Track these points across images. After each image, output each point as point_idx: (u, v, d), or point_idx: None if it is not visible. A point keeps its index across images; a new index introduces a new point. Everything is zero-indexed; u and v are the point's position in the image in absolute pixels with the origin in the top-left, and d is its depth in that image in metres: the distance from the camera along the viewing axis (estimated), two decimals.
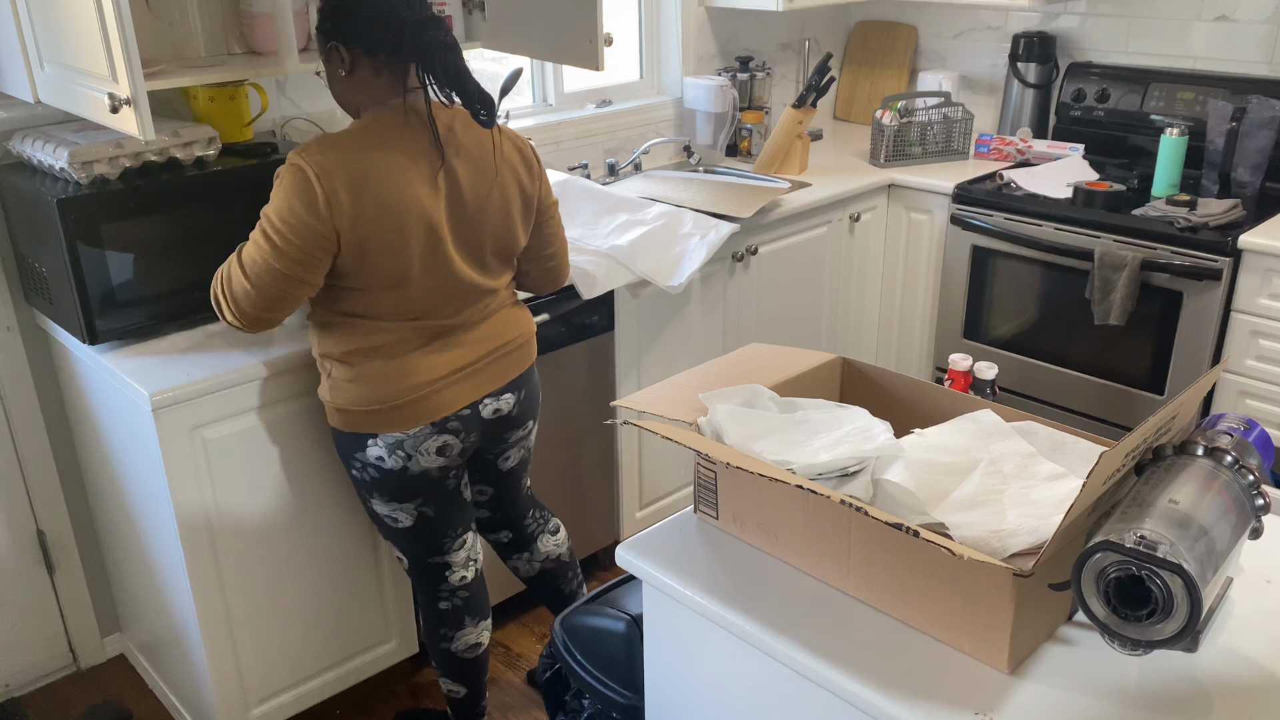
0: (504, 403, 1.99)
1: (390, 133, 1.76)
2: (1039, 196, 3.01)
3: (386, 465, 1.90)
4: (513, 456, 2.13)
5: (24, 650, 2.47)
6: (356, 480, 1.97)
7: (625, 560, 1.41)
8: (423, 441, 1.89)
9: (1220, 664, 1.17)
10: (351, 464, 1.94)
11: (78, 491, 2.45)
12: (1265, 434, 1.29)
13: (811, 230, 3.07)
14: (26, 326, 2.28)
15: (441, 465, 1.94)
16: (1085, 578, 1.06)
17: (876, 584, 1.25)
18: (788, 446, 1.32)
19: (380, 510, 1.98)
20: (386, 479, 1.92)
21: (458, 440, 1.94)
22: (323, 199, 1.69)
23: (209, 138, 2.10)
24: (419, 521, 1.98)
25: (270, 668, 2.19)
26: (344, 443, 1.93)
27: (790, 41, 3.68)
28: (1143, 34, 3.24)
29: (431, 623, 2.12)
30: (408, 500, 1.95)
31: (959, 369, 1.77)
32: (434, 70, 1.74)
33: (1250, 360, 2.70)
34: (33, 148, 2.03)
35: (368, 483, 1.94)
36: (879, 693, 1.13)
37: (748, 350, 1.66)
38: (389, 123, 1.77)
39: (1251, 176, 2.88)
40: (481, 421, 1.96)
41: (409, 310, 1.82)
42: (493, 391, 1.96)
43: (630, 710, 1.64)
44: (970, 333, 3.22)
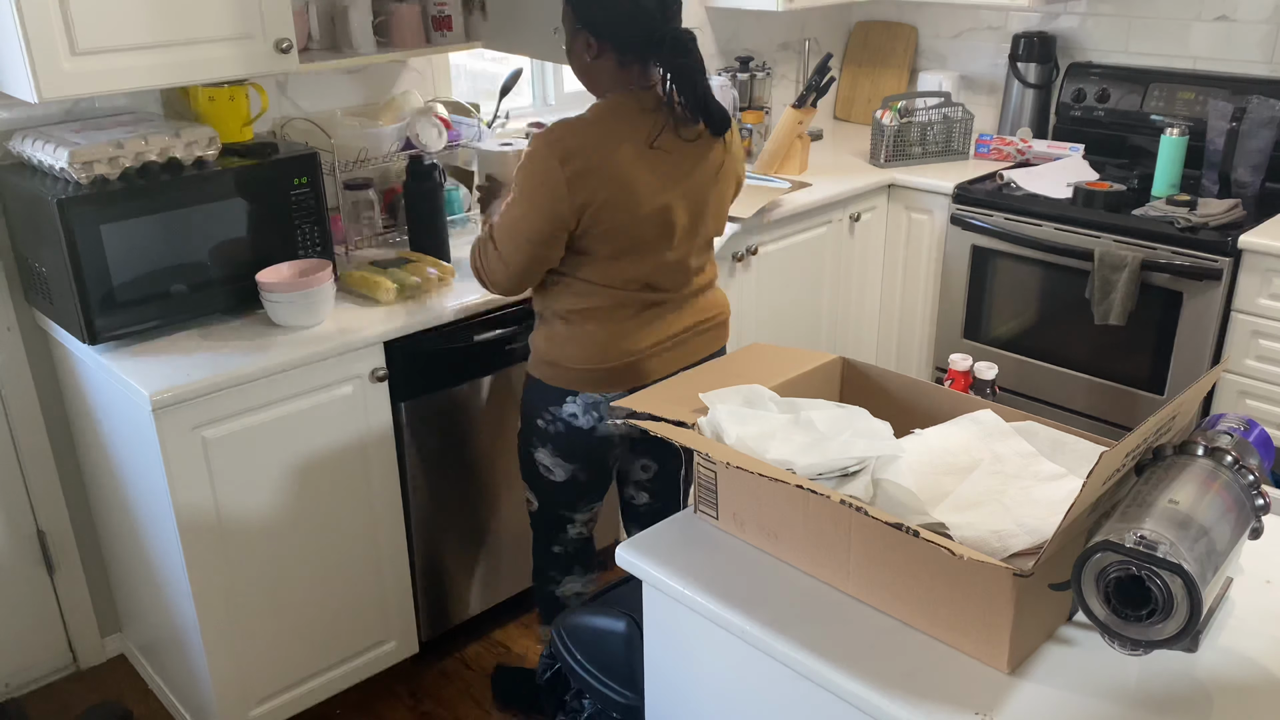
0: None
1: (629, 119, 1.86)
2: (1039, 196, 3.01)
3: (578, 423, 2.00)
4: None
5: (24, 650, 2.47)
6: (540, 430, 2.05)
7: (625, 560, 1.41)
8: None
9: (1220, 664, 1.17)
10: (542, 414, 2.03)
11: (78, 491, 2.45)
12: (1265, 434, 1.29)
13: (811, 230, 3.07)
14: (26, 326, 2.28)
15: (624, 434, 2.05)
16: (1085, 578, 1.06)
17: (876, 584, 1.25)
18: (788, 446, 1.32)
19: (543, 460, 2.08)
20: (571, 435, 2.02)
21: None
22: (565, 185, 1.80)
23: (209, 138, 2.10)
24: (570, 480, 2.09)
25: (270, 668, 2.19)
26: (542, 394, 2.02)
27: (790, 41, 3.68)
28: (1143, 34, 3.24)
29: (543, 564, 2.26)
30: (575, 460, 2.06)
31: (959, 369, 1.77)
32: (683, 88, 1.85)
33: (1250, 360, 2.70)
34: (33, 148, 2.03)
35: (550, 435, 2.04)
36: (879, 693, 1.13)
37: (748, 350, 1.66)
38: (629, 109, 1.87)
39: (1251, 176, 2.88)
40: None
41: (630, 281, 1.93)
42: (688, 365, 2.02)
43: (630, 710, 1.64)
44: (970, 333, 3.22)
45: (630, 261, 1.91)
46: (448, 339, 2.23)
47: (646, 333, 1.97)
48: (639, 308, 1.96)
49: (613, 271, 1.91)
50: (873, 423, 1.37)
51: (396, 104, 2.62)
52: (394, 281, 2.25)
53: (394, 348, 2.17)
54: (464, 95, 2.89)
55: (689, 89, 1.86)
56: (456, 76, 2.91)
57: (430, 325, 2.20)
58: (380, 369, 2.16)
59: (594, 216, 1.84)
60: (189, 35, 1.99)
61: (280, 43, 2.10)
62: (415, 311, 2.20)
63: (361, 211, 2.53)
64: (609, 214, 1.84)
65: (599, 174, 1.82)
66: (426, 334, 2.20)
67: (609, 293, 1.93)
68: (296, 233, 2.20)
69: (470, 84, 3.04)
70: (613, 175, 1.82)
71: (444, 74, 2.84)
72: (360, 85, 2.64)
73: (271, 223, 2.16)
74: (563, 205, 1.82)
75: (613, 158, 1.83)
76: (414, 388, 2.24)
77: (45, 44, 1.84)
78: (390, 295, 2.23)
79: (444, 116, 2.58)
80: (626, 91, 1.88)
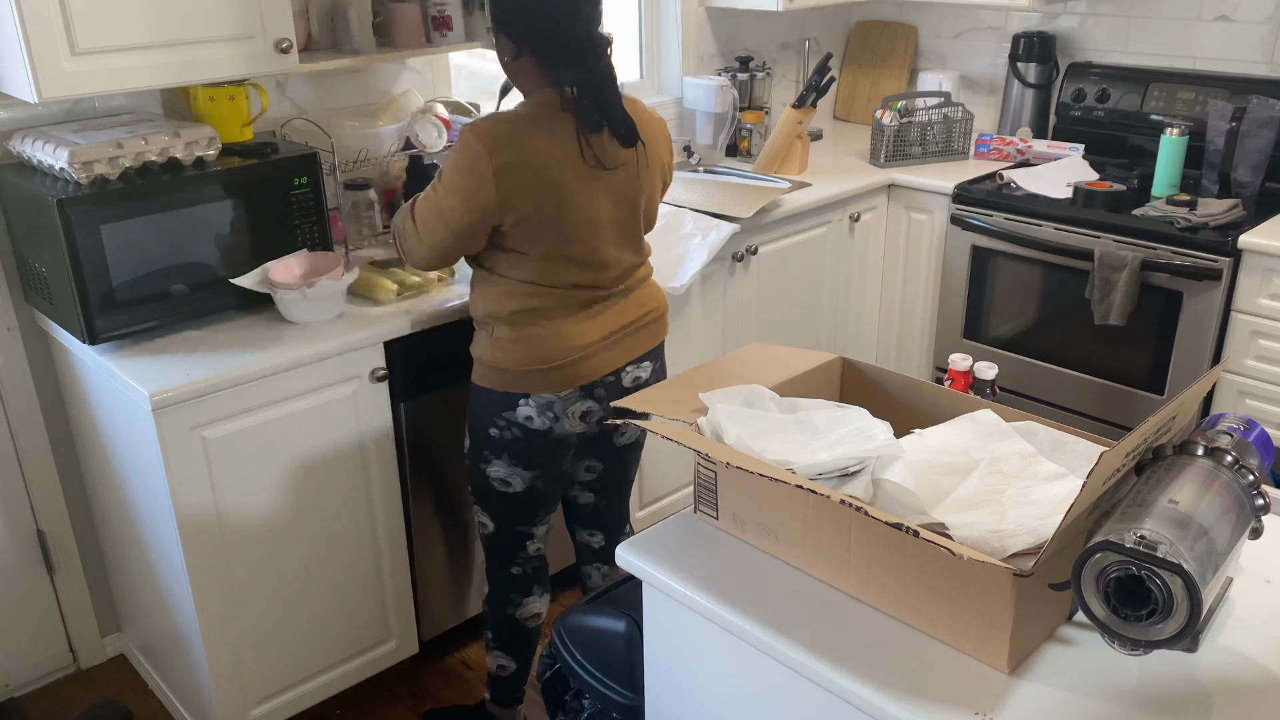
0: (643, 370, 2.09)
1: (555, 118, 1.86)
2: (1039, 196, 3.01)
3: (534, 425, 1.98)
4: (630, 432, 2.18)
5: (24, 650, 2.47)
6: (493, 440, 2.02)
7: (625, 560, 1.41)
8: (571, 404, 1.98)
9: (1220, 664, 1.17)
10: (495, 422, 2.00)
11: (78, 491, 2.45)
12: (1265, 434, 1.29)
13: (811, 230, 3.07)
14: (26, 326, 2.28)
15: (580, 432, 2.03)
16: (1085, 578, 1.06)
17: (876, 584, 1.25)
18: (788, 446, 1.32)
19: (498, 473, 2.04)
20: (529, 439, 1.99)
21: (599, 408, 2.03)
22: (492, 175, 1.80)
23: (209, 138, 2.10)
24: (528, 490, 2.06)
25: (270, 668, 2.19)
26: (493, 401, 1.99)
27: (790, 41, 3.68)
28: (1143, 34, 3.24)
29: (501, 589, 2.19)
30: (534, 467, 2.03)
31: (959, 369, 1.77)
32: (587, 94, 1.86)
33: (1250, 360, 2.70)
34: (33, 148, 2.03)
35: (506, 442, 2.00)
36: (879, 693, 1.13)
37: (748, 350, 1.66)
38: (555, 109, 1.87)
39: (1251, 176, 2.88)
40: (622, 390, 2.05)
41: (567, 278, 1.93)
42: (634, 359, 2.06)
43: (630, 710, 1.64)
44: (970, 333, 3.22)
45: (564, 260, 1.91)
46: (448, 339, 2.23)
47: (589, 328, 1.97)
48: (579, 305, 1.96)
49: (548, 271, 1.91)
50: (873, 423, 1.37)
51: (396, 104, 2.62)
52: (394, 281, 2.25)
53: (394, 348, 2.17)
54: (464, 95, 2.89)
55: (592, 97, 1.86)
56: (456, 76, 2.91)
57: (430, 325, 2.20)
58: (380, 369, 2.16)
59: (522, 212, 1.84)
60: (189, 35, 1.99)
61: (280, 43, 2.10)
62: (415, 311, 2.20)
63: (361, 211, 2.53)
64: (536, 210, 1.84)
65: (526, 168, 1.82)
66: (426, 334, 2.21)
67: (548, 292, 1.92)
68: (296, 233, 2.20)
69: (470, 84, 3.04)
70: (539, 171, 1.83)
71: (444, 74, 2.84)
72: (360, 85, 2.64)
73: (271, 223, 2.16)
74: (488, 196, 1.82)
75: (540, 154, 1.83)
76: (414, 388, 2.24)
77: (45, 44, 1.84)
78: (390, 295, 2.23)
79: (444, 116, 2.58)
80: (554, 90, 1.88)
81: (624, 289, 2.02)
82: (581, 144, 1.87)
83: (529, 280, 1.92)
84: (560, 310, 1.94)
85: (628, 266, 2.02)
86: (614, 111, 1.90)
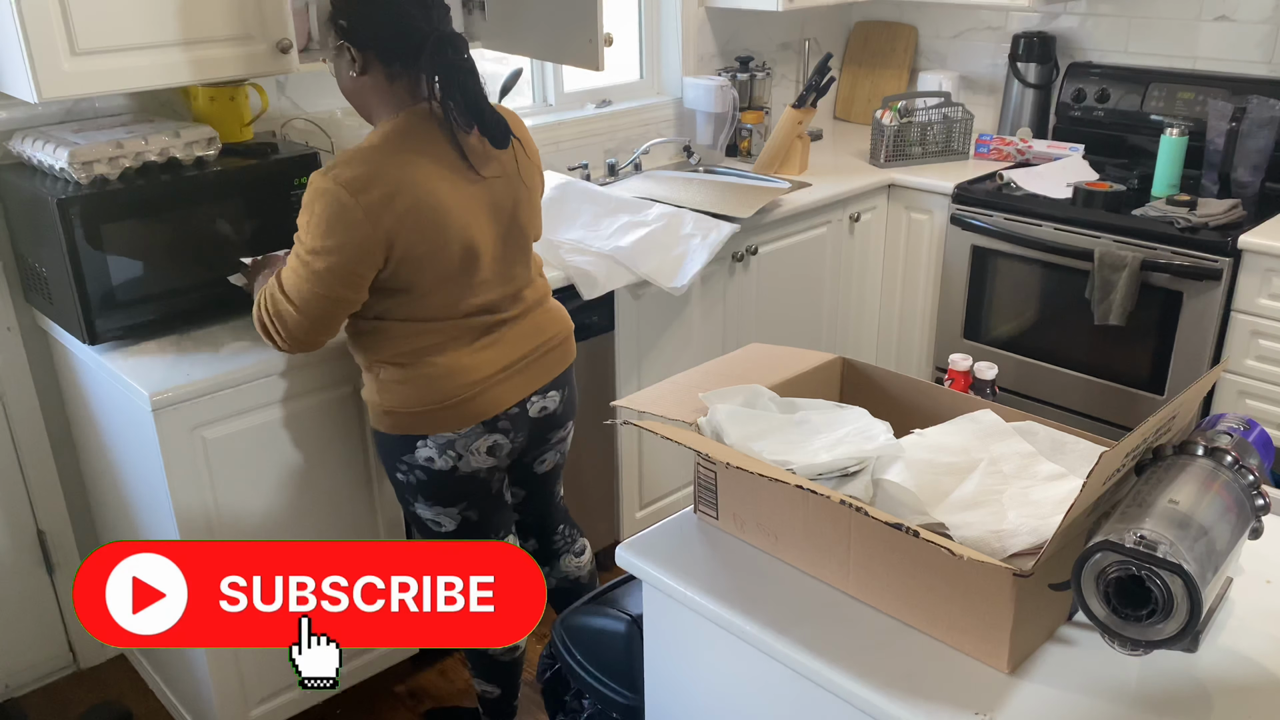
0: (550, 400, 1.98)
1: (418, 138, 1.74)
2: (1039, 196, 3.01)
3: (436, 466, 1.87)
4: (549, 459, 2.11)
5: (24, 650, 2.47)
6: (401, 484, 1.93)
7: (625, 560, 1.41)
8: (474, 441, 1.87)
9: (1220, 664, 1.17)
10: (398, 467, 1.91)
11: (78, 491, 2.45)
12: (1265, 434, 1.29)
13: (811, 230, 3.07)
14: (26, 326, 2.28)
15: (490, 466, 1.92)
16: (1085, 578, 1.06)
17: (876, 584, 1.25)
18: (788, 446, 1.32)
19: (424, 514, 1.96)
20: (435, 480, 1.89)
21: (507, 440, 1.92)
22: (361, 215, 1.66)
23: (209, 138, 2.10)
24: (462, 525, 1.96)
25: (270, 668, 2.19)
26: (391, 446, 1.89)
27: (790, 41, 3.68)
28: (1143, 34, 3.24)
29: None
30: (453, 504, 1.93)
31: (959, 369, 1.77)
32: (452, 93, 1.72)
33: (1250, 360, 2.70)
34: (33, 148, 2.03)
35: (414, 485, 1.91)
36: (879, 693, 1.13)
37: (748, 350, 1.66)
38: (415, 127, 1.74)
39: (1251, 176, 2.88)
40: (529, 420, 1.95)
41: (454, 309, 1.81)
42: (539, 389, 1.95)
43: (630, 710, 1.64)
44: (970, 333, 3.22)
45: (453, 287, 1.78)
46: None
47: (485, 360, 1.84)
48: (475, 334, 1.84)
49: (437, 303, 1.78)
50: (873, 423, 1.37)
51: None
52: None
53: None
54: None
55: (458, 94, 1.71)
56: None
57: None
58: None
59: (404, 247, 1.70)
60: (189, 35, 1.99)
61: (280, 43, 2.10)
62: None
63: None
64: (418, 239, 1.71)
65: (399, 198, 1.68)
66: None
67: (439, 326, 1.80)
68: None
69: None
70: (414, 198, 1.69)
71: None
72: None
73: (271, 223, 2.16)
74: (367, 238, 1.67)
75: (409, 179, 1.69)
76: None
77: (45, 44, 1.84)
78: None
79: None
80: (406, 110, 1.75)
81: (520, 312, 1.90)
82: (458, 148, 1.74)
83: (415, 318, 1.79)
84: (452, 344, 1.82)
85: (520, 285, 1.90)
86: (484, 110, 1.75)
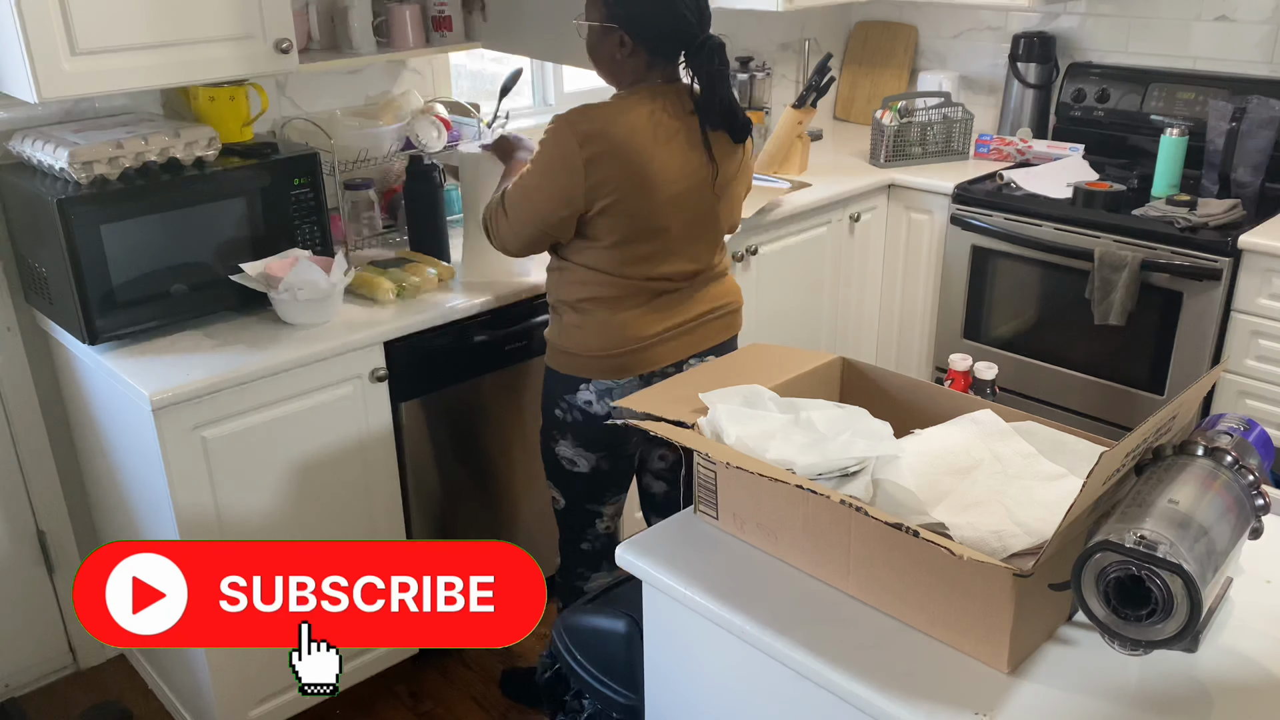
0: None
1: (651, 111, 1.89)
2: (1039, 197, 3.01)
3: (593, 410, 2.03)
4: None
5: (24, 650, 2.47)
6: (557, 420, 2.08)
7: (625, 560, 1.41)
8: (629, 392, 1.97)
9: (1220, 664, 1.17)
10: (559, 404, 2.06)
11: (78, 491, 2.45)
12: (1265, 434, 1.29)
13: (811, 230, 3.07)
14: (26, 326, 2.28)
15: None
16: (1085, 578, 1.06)
17: (876, 584, 1.25)
18: (788, 446, 1.32)
19: (565, 452, 2.10)
20: (587, 422, 2.04)
21: None
22: (582, 167, 1.83)
23: (209, 138, 2.10)
24: (594, 471, 2.11)
25: (270, 668, 2.18)
26: (558, 383, 2.06)
27: (790, 41, 3.68)
28: (1143, 34, 3.24)
29: (571, 561, 2.27)
30: (594, 450, 2.09)
31: (959, 369, 1.77)
32: (712, 99, 1.92)
33: (1250, 360, 2.70)
34: (33, 148, 2.03)
35: (568, 424, 2.07)
36: (879, 693, 1.13)
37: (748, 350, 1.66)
38: (651, 102, 1.90)
39: (1251, 176, 2.88)
40: None
41: (636, 272, 1.95)
42: (699, 352, 2.07)
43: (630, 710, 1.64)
44: (970, 333, 3.22)
45: (641, 249, 1.93)
46: (447, 339, 2.23)
47: (655, 319, 2.00)
48: (649, 296, 1.99)
49: (617, 260, 1.94)
50: (873, 423, 1.37)
51: (396, 104, 2.62)
52: (394, 281, 2.25)
53: (394, 348, 2.17)
54: (464, 95, 2.89)
55: (716, 95, 1.92)
56: (456, 76, 2.91)
57: (430, 325, 2.20)
58: (380, 369, 2.16)
59: (607, 201, 1.87)
60: (189, 35, 1.99)
61: (280, 43, 2.10)
62: (415, 311, 2.20)
63: (361, 211, 2.53)
64: (621, 200, 1.87)
65: (616, 159, 1.85)
66: (426, 334, 2.21)
67: (619, 283, 1.96)
68: (296, 233, 2.20)
69: (470, 84, 3.05)
70: (630, 162, 1.86)
71: (444, 74, 2.84)
72: (360, 85, 2.64)
73: (271, 223, 2.16)
74: (576, 187, 1.85)
75: (631, 145, 1.86)
76: (414, 388, 2.24)
77: (45, 44, 1.84)
78: (390, 295, 2.23)
79: (444, 116, 2.58)
80: (651, 85, 1.92)
81: (699, 285, 2.05)
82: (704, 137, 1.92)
83: (596, 268, 1.95)
84: (628, 299, 1.97)
85: (702, 265, 2.04)
86: (736, 110, 1.96)
